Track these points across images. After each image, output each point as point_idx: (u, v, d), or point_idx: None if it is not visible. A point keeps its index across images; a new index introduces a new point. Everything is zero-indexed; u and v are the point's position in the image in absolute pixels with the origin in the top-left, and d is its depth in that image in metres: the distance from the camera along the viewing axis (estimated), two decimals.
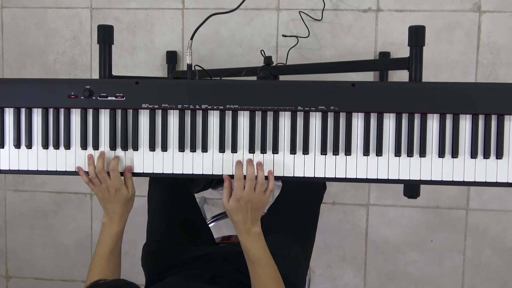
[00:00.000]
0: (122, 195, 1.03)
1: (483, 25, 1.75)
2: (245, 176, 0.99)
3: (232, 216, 1.00)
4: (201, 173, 1.05)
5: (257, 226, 1.00)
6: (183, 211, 1.32)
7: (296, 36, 1.67)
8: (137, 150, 1.05)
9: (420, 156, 1.01)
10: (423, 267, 1.89)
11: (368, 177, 1.02)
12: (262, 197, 0.99)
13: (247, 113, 1.02)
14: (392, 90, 1.00)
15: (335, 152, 1.02)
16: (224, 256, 1.17)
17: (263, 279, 0.98)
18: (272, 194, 1.89)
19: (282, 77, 1.29)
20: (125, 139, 1.04)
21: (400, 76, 1.76)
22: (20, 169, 1.07)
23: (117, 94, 1.03)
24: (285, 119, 1.02)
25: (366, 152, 1.01)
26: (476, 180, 1.01)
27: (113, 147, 1.05)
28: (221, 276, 1.11)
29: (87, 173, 1.04)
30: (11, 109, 1.06)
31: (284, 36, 1.75)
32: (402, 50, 1.78)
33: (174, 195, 1.32)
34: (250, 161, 1.00)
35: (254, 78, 1.28)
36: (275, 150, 1.03)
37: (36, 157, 1.07)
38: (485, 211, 1.84)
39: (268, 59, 1.28)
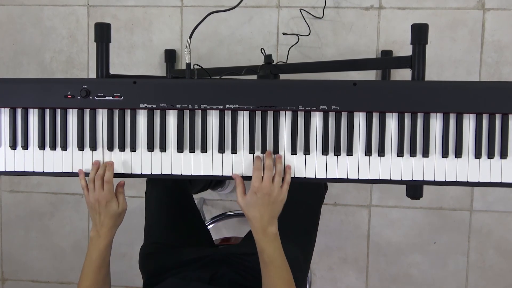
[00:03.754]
0: (111, 208, 1.02)
1: (487, 23, 1.74)
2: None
3: (248, 212, 0.98)
4: (200, 174, 1.04)
5: (274, 225, 0.98)
6: (181, 213, 1.31)
7: (297, 34, 1.66)
8: (135, 151, 1.04)
9: (423, 156, 1.00)
10: (426, 269, 1.89)
11: (370, 178, 1.01)
12: (280, 191, 0.98)
13: (247, 113, 1.02)
14: (395, 89, 0.99)
15: (337, 152, 1.01)
16: (223, 258, 1.16)
17: (275, 282, 0.97)
18: None
19: (282, 76, 1.29)
20: (123, 139, 1.04)
21: (403, 74, 1.76)
22: (16, 170, 1.07)
23: (114, 94, 1.02)
24: (285, 119, 1.02)
25: (368, 152, 1.01)
26: (480, 181, 1.00)
27: (110, 147, 1.04)
28: (220, 278, 1.11)
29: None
30: (7, 109, 1.05)
31: (284, 34, 1.74)
32: (404, 48, 1.77)
33: (172, 196, 1.31)
34: (269, 154, 1.00)
35: (254, 77, 1.27)
36: (276, 151, 1.02)
37: (33, 158, 1.06)
38: (489, 212, 1.83)
39: (268, 58, 1.27)
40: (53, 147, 1.05)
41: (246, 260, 1.14)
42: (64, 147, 1.04)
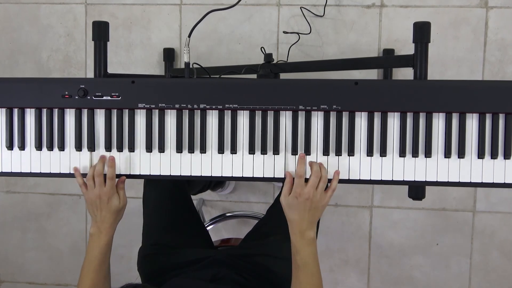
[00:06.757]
0: (113, 204, 1.02)
1: (490, 21, 1.73)
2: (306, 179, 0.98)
3: (288, 214, 0.98)
4: (200, 175, 1.03)
5: (312, 230, 0.98)
6: (180, 214, 1.31)
7: (298, 33, 1.65)
8: (134, 151, 1.04)
9: (425, 157, 1.00)
10: (429, 271, 1.88)
11: (371, 179, 1.01)
12: (323, 197, 0.97)
13: (246, 113, 1.01)
14: (397, 89, 0.98)
15: (338, 152, 1.00)
16: (223, 259, 1.15)
17: (303, 286, 0.97)
18: (273, 195, 1.87)
19: (283, 75, 1.28)
20: (121, 140, 1.03)
21: (405, 73, 1.75)
22: (13, 171, 1.06)
23: (112, 94, 1.02)
24: (286, 119, 1.01)
25: (369, 153, 1.00)
26: (483, 181, 1.00)
27: (108, 148, 1.04)
28: (221, 279, 1.10)
29: (82, 175, 1.03)
30: (3, 109, 1.04)
31: (285, 32, 1.74)
32: (406, 47, 1.76)
33: (170, 197, 1.31)
34: (314, 162, 0.99)
35: (254, 76, 1.27)
36: (276, 151, 1.01)
37: (29, 159, 1.05)
38: (493, 213, 1.83)
39: (268, 57, 1.27)
40: (50, 148, 1.04)
41: (248, 262, 1.14)
42: (62, 147, 1.04)
